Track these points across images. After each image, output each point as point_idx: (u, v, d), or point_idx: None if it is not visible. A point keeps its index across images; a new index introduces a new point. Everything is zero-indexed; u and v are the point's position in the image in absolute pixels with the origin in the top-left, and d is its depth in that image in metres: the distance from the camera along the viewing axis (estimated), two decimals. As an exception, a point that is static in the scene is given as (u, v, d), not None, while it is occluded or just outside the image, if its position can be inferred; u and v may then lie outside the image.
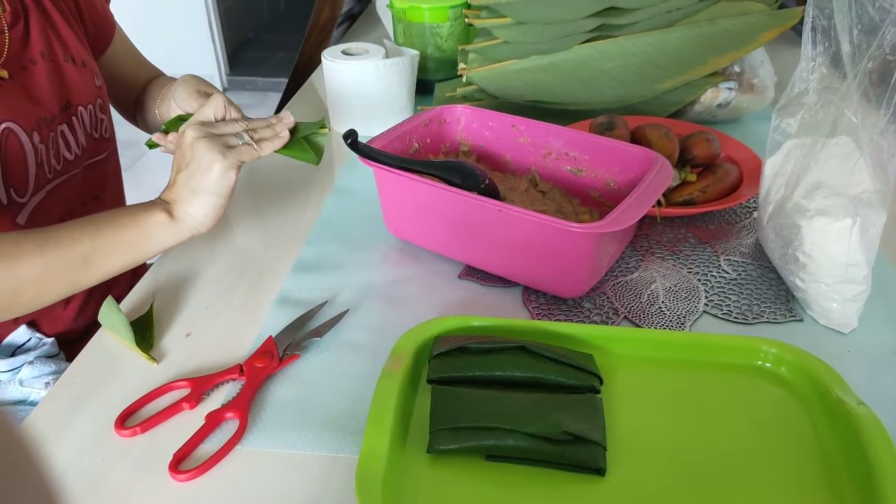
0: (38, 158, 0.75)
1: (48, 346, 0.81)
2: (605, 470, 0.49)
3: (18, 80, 0.75)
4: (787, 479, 0.50)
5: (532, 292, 0.70)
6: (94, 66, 0.86)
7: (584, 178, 0.79)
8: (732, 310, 0.68)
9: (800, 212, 0.65)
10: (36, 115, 0.75)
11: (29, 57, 0.76)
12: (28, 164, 0.74)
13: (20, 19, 0.76)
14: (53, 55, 0.79)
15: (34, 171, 0.75)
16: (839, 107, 0.63)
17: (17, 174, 0.73)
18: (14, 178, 0.73)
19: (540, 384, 0.55)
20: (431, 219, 0.72)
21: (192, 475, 0.51)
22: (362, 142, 0.71)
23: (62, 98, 0.79)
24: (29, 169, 0.74)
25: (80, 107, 0.82)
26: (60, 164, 0.79)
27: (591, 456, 0.49)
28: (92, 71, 0.85)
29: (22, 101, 0.74)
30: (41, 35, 0.78)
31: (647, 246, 0.77)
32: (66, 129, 0.80)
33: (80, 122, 0.82)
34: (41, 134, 0.75)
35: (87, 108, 0.83)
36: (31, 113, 0.74)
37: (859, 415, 0.50)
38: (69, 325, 0.85)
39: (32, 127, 0.74)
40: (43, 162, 0.76)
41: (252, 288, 0.72)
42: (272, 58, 3.74)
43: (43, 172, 0.76)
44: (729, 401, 0.56)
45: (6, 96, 0.72)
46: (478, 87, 1.03)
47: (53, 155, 0.78)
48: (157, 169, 2.62)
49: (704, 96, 1.01)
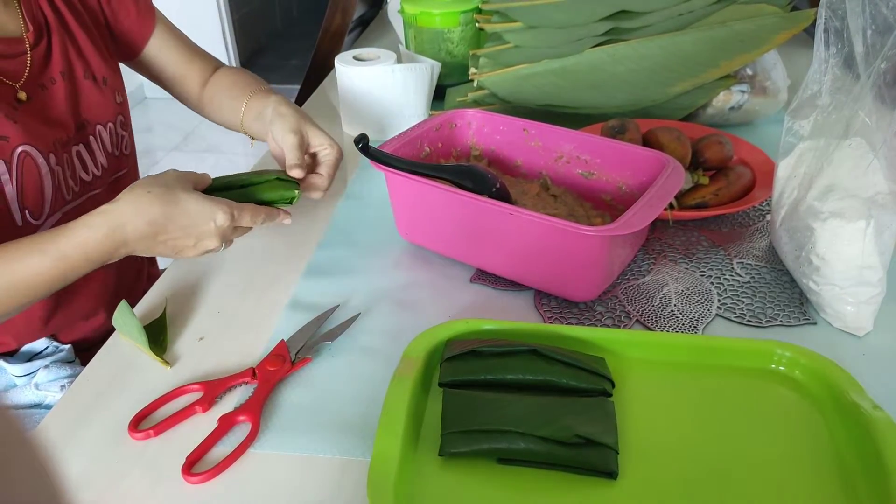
0: (54, 181, 0.74)
1: (65, 353, 0.82)
2: (617, 473, 0.49)
3: (37, 102, 0.74)
4: (801, 483, 0.49)
5: (544, 296, 0.70)
6: (115, 83, 0.85)
7: (595, 181, 0.79)
8: (745, 313, 0.67)
9: (813, 214, 0.65)
10: (52, 137, 0.74)
11: (49, 76, 0.76)
12: (44, 186, 0.73)
13: (43, 38, 0.76)
14: (73, 74, 0.78)
15: (51, 194, 0.74)
16: (852, 108, 0.62)
17: (32, 197, 0.72)
18: (30, 201, 0.72)
19: (551, 388, 0.55)
20: (442, 223, 0.72)
21: (204, 478, 0.51)
22: (373, 146, 0.71)
23: (78, 118, 0.79)
24: (45, 191, 0.73)
25: (98, 126, 0.81)
26: (78, 185, 0.79)
27: (603, 459, 0.49)
28: (113, 88, 0.84)
29: (39, 123, 0.73)
30: (62, 53, 0.77)
31: (659, 249, 0.77)
32: (82, 149, 0.79)
33: (98, 141, 0.81)
34: (57, 156, 0.75)
35: (106, 127, 0.82)
36: (47, 135, 0.74)
37: (875, 419, 0.50)
38: (87, 335, 0.86)
39: (49, 149, 0.74)
40: (60, 184, 0.75)
41: (264, 292, 0.72)
42: (285, 65, 3.77)
43: (60, 195, 0.76)
44: (742, 404, 0.56)
45: (24, 119, 0.71)
46: (489, 91, 1.03)
47: (70, 176, 0.77)
48: (171, 175, 2.64)
49: (717, 99, 1.00)
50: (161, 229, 0.62)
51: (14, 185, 0.70)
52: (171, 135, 2.96)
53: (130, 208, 0.62)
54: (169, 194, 0.62)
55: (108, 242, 0.62)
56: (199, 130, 2.97)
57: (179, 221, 0.63)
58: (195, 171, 0.69)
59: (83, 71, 0.80)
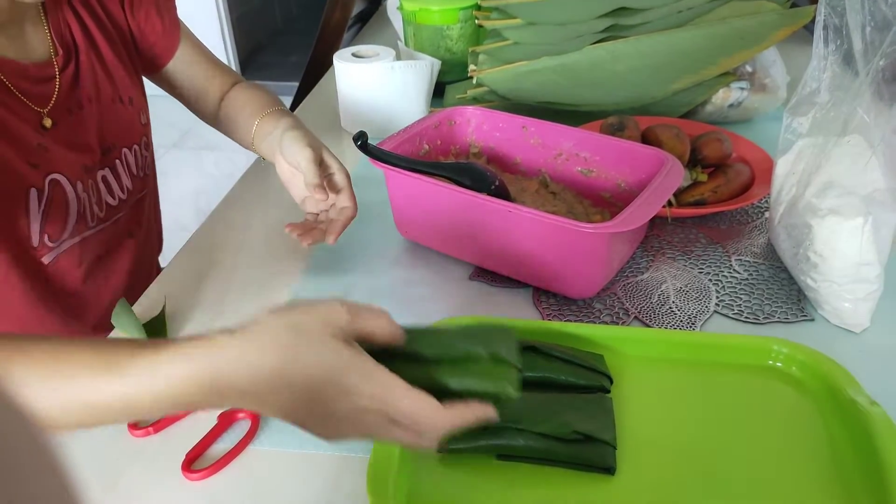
0: (80, 207, 0.73)
1: None
2: (615, 469, 0.49)
3: (64, 127, 0.72)
4: (798, 478, 0.49)
5: (542, 293, 0.70)
6: (140, 102, 0.84)
7: (594, 178, 0.79)
8: (743, 310, 0.67)
9: (811, 211, 0.65)
10: (79, 163, 0.73)
11: (76, 101, 0.74)
12: (69, 213, 0.72)
13: (71, 60, 0.74)
14: (101, 97, 0.77)
15: (74, 220, 0.73)
16: (851, 105, 0.62)
17: (55, 223, 0.71)
18: (52, 226, 0.71)
19: (550, 384, 0.55)
20: (442, 221, 0.73)
21: (204, 474, 0.51)
22: (372, 144, 0.71)
23: (105, 142, 0.77)
24: (69, 218, 0.73)
25: (124, 149, 0.80)
26: (103, 211, 0.77)
27: (601, 456, 0.49)
28: (138, 108, 0.83)
29: (66, 150, 0.72)
30: (90, 75, 0.75)
31: (657, 246, 0.77)
32: (108, 174, 0.78)
33: (123, 164, 0.80)
34: (84, 183, 0.74)
35: (132, 150, 0.81)
36: (75, 162, 0.73)
37: (872, 414, 0.50)
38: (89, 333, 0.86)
39: (77, 176, 0.72)
40: (85, 211, 0.74)
41: (264, 290, 0.72)
42: (285, 62, 3.76)
43: (84, 221, 0.75)
44: (740, 401, 0.56)
45: (53, 146, 0.70)
46: (488, 88, 1.03)
47: (96, 202, 0.76)
48: (170, 171, 2.65)
49: (716, 96, 1.00)
50: (270, 391, 0.41)
51: (40, 211, 0.69)
52: (169, 132, 2.96)
53: (235, 351, 0.41)
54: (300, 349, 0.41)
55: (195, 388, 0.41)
56: (198, 128, 2.96)
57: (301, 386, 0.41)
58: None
59: (111, 93, 0.78)
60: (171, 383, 0.40)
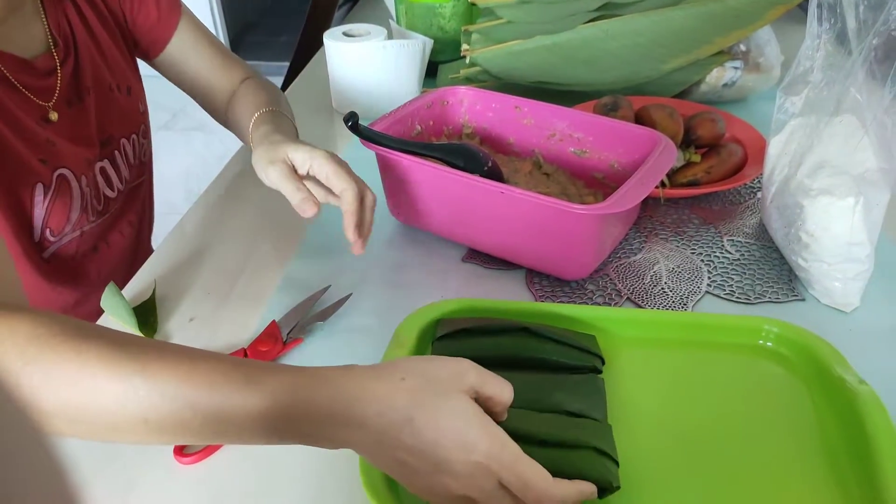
0: (83, 203, 0.73)
1: None
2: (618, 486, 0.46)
3: (67, 120, 0.71)
4: (787, 455, 0.50)
5: (535, 275, 0.70)
6: (138, 90, 0.82)
7: (588, 159, 0.79)
8: (735, 290, 0.68)
9: (803, 191, 0.65)
10: (83, 157, 0.73)
11: (76, 93, 0.73)
12: (73, 208, 0.72)
13: (71, 52, 0.73)
14: (100, 87, 0.75)
15: (77, 216, 0.73)
16: (844, 84, 0.62)
17: (58, 218, 0.71)
18: (54, 222, 0.71)
19: (542, 365, 0.56)
20: (434, 202, 0.72)
21: (196, 458, 0.52)
22: (363, 124, 0.71)
23: (104, 133, 0.76)
24: (72, 214, 0.72)
25: (122, 139, 0.79)
26: (101, 204, 0.77)
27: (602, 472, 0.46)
28: (137, 97, 0.81)
29: (70, 143, 0.71)
30: (90, 65, 0.74)
31: (650, 227, 0.77)
32: (107, 164, 0.77)
33: (122, 154, 0.79)
34: (87, 177, 0.73)
35: (129, 140, 0.80)
36: (79, 156, 0.72)
37: (860, 393, 0.50)
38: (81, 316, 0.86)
39: (81, 171, 0.72)
40: (87, 206, 0.74)
41: (255, 272, 0.72)
42: (275, 42, 3.72)
43: (85, 216, 0.74)
44: (730, 380, 0.56)
45: (60, 140, 0.69)
46: (481, 68, 1.02)
47: (94, 196, 0.75)
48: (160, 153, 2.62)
49: (710, 76, 1.00)
50: (392, 428, 0.40)
51: (45, 207, 0.69)
52: (159, 113, 2.93)
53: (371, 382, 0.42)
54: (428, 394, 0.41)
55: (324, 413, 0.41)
56: (188, 108, 2.95)
57: (422, 428, 0.40)
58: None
59: (109, 82, 0.77)
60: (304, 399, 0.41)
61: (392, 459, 0.41)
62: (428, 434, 0.40)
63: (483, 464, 0.40)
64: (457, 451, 0.40)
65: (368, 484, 0.45)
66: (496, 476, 0.40)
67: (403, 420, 0.40)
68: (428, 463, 0.40)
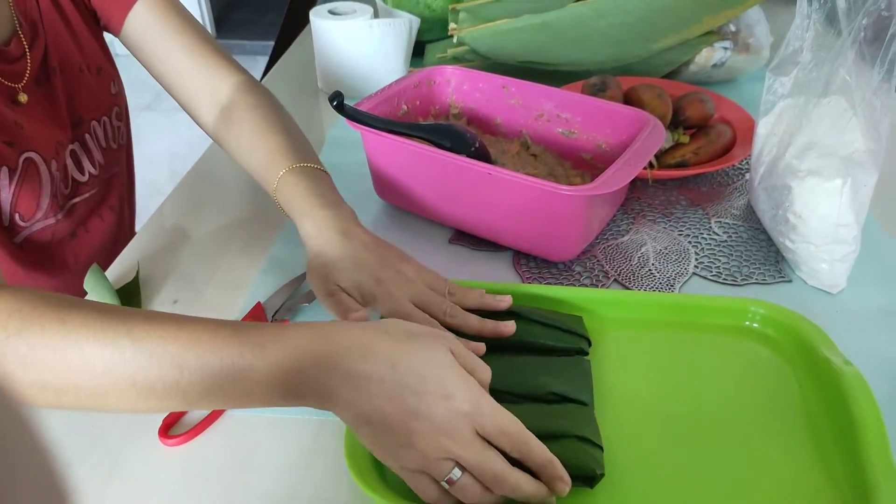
0: (53, 188, 0.71)
1: None
2: (602, 475, 0.46)
3: (36, 102, 0.70)
4: (772, 436, 0.50)
5: (522, 256, 0.70)
6: (110, 71, 0.79)
7: (575, 140, 0.78)
8: (722, 271, 0.67)
9: (791, 172, 0.65)
10: (53, 140, 0.71)
11: (45, 73, 0.71)
12: (42, 193, 0.70)
13: (39, 34, 0.70)
14: (69, 66, 0.73)
15: (47, 202, 0.71)
16: (833, 65, 0.62)
17: (27, 203, 0.69)
18: (23, 207, 0.69)
19: (529, 347, 0.55)
20: (420, 183, 0.72)
21: (181, 440, 0.51)
22: (349, 104, 0.70)
23: (74, 115, 0.74)
24: (41, 198, 0.70)
25: (93, 122, 0.76)
26: (69, 188, 0.75)
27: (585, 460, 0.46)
28: (108, 78, 0.79)
29: (41, 126, 0.69)
30: (57, 44, 0.72)
31: (638, 209, 0.77)
32: (77, 148, 0.75)
33: (93, 138, 0.77)
34: (57, 161, 0.71)
35: (100, 122, 0.78)
36: (49, 139, 0.70)
37: (845, 374, 0.51)
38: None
39: (51, 155, 0.70)
40: (57, 191, 0.72)
41: (240, 254, 0.71)
42: (260, 20, 3.67)
43: (55, 202, 0.72)
44: (717, 361, 0.56)
45: (28, 123, 0.67)
46: (469, 47, 1.01)
47: (62, 179, 0.73)
48: (143, 134, 2.59)
49: (699, 56, 0.99)
50: (376, 376, 0.42)
51: (11, 191, 0.67)
52: (142, 93, 2.88)
53: (356, 333, 0.43)
54: (410, 344, 0.43)
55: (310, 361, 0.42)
56: (174, 88, 2.90)
57: (406, 373, 0.42)
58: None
59: (78, 63, 0.74)
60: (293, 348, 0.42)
61: (372, 410, 0.41)
62: (410, 378, 0.41)
63: (461, 410, 0.41)
64: (437, 397, 0.41)
65: (353, 465, 0.45)
66: (473, 424, 0.41)
67: (387, 366, 0.42)
68: (407, 410, 0.41)
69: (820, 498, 0.46)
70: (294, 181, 0.61)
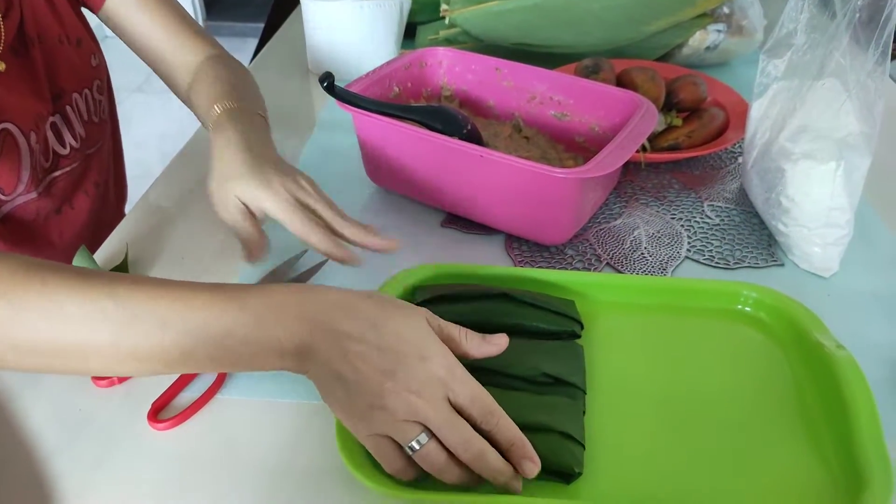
0: (32, 161, 0.70)
1: None
2: (580, 473, 0.46)
3: (14, 72, 0.68)
4: (764, 421, 0.50)
5: (515, 240, 0.70)
6: (90, 44, 0.78)
7: (568, 122, 0.78)
8: (714, 255, 0.67)
9: (784, 155, 0.64)
10: (33, 111, 0.70)
11: (23, 43, 0.70)
12: (21, 166, 0.69)
13: (13, 4, 0.69)
14: (47, 37, 0.72)
15: (27, 174, 0.70)
16: (827, 48, 0.61)
17: (6, 176, 0.68)
18: (3, 181, 0.68)
19: (521, 331, 0.55)
20: (412, 166, 0.71)
21: (171, 424, 0.51)
22: (340, 85, 0.69)
23: (55, 87, 0.73)
24: (21, 171, 0.69)
25: (74, 94, 0.75)
26: (49, 161, 0.73)
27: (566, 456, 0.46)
28: (88, 50, 0.78)
29: (19, 97, 0.68)
30: (35, 14, 0.71)
31: (631, 192, 0.76)
32: (58, 120, 0.74)
33: (75, 111, 0.76)
34: (37, 134, 0.70)
35: (81, 94, 0.77)
36: (28, 111, 0.69)
37: (838, 357, 0.51)
38: None
39: (30, 126, 0.69)
40: (37, 164, 0.71)
41: (230, 237, 0.70)
42: (250, 2, 3.62)
43: (35, 174, 0.71)
44: (709, 345, 0.56)
45: (6, 93, 0.66)
46: (461, 29, 1.00)
47: (41, 152, 0.72)
48: (134, 115, 2.56)
49: (693, 39, 0.98)
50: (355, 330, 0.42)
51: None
52: (132, 75, 2.85)
53: (335, 292, 0.44)
54: (392, 308, 0.44)
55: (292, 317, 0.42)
56: (163, 70, 2.86)
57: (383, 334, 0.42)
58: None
59: (58, 34, 0.73)
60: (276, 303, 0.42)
61: (348, 368, 0.41)
62: (389, 339, 0.42)
63: (436, 374, 0.42)
64: (413, 358, 0.42)
65: (344, 449, 0.45)
66: (446, 389, 0.42)
67: (368, 325, 0.42)
68: (383, 370, 0.41)
69: (812, 481, 0.46)
70: (227, 118, 0.64)
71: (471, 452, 0.42)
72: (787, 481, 0.46)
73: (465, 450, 0.42)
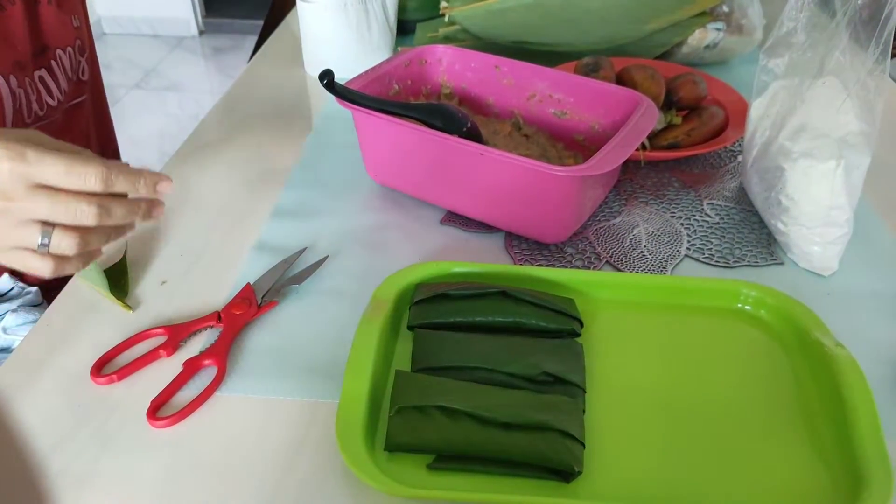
0: (15, 104, 0.72)
1: (32, 296, 0.80)
2: (580, 471, 0.45)
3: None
4: (764, 419, 0.50)
5: (514, 238, 0.70)
6: (71, 5, 0.81)
7: (568, 121, 0.78)
8: (714, 254, 0.67)
9: (784, 154, 0.64)
10: (11, 58, 0.72)
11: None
12: (5, 108, 0.71)
13: None
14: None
15: (10, 117, 0.72)
16: (827, 46, 0.61)
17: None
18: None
19: (520, 329, 0.55)
20: (412, 163, 0.71)
21: (170, 421, 0.51)
22: (339, 83, 0.69)
23: (38, 42, 0.76)
24: (6, 113, 0.71)
25: (58, 50, 0.79)
26: (43, 109, 0.77)
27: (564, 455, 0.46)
28: (69, 11, 0.81)
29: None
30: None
31: (630, 190, 0.76)
32: (45, 73, 0.77)
33: (59, 65, 0.79)
34: (18, 78, 0.72)
35: (66, 51, 0.80)
36: (6, 56, 0.71)
37: (837, 356, 0.51)
38: None
39: (8, 70, 0.71)
40: (21, 107, 0.73)
41: (229, 234, 0.71)
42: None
43: (20, 118, 0.74)
44: (709, 344, 0.56)
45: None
46: (461, 27, 1.00)
47: (36, 100, 0.75)
48: (132, 112, 2.56)
49: (692, 37, 0.98)
50: None
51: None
52: (131, 72, 2.85)
53: None
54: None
55: None
56: (161, 68, 2.87)
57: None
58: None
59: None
60: None
61: None
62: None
63: (4, 168, 0.41)
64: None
65: (345, 447, 0.45)
66: (25, 178, 0.42)
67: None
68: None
69: (812, 480, 0.46)
70: None
71: (92, 216, 0.42)
72: (786, 480, 0.46)
73: (85, 217, 0.42)
